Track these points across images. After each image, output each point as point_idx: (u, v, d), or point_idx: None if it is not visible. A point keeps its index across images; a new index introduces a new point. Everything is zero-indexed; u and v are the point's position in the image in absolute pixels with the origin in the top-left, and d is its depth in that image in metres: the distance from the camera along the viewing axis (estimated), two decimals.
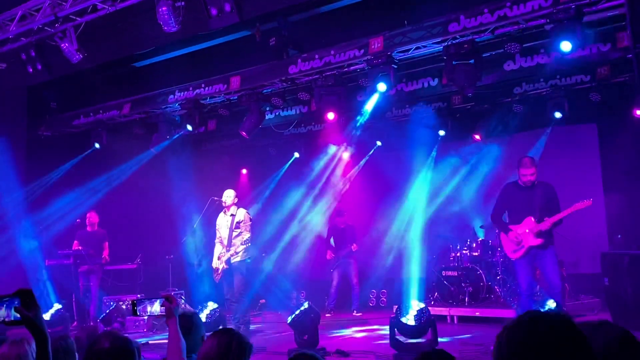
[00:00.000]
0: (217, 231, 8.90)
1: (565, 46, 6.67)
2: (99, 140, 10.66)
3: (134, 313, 3.34)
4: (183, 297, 10.42)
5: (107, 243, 10.47)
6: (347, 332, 9.04)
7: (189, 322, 3.82)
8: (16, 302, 2.29)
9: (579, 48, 7.08)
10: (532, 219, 6.84)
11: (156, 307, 3.28)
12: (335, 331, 9.01)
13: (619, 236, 9.80)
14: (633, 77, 8.39)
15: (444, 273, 9.97)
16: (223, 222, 8.86)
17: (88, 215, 10.54)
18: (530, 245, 6.85)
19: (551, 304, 6.55)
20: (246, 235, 8.74)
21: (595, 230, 10.08)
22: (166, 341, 8.08)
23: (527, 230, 6.88)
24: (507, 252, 7.34)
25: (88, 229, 10.54)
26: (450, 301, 9.70)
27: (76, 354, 4.09)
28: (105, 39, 8.62)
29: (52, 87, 10.56)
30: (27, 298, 2.30)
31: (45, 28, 8.40)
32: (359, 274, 11.08)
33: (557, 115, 9.40)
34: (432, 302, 9.65)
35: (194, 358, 3.43)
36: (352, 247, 10.92)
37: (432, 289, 10.03)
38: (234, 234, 8.74)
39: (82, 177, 10.98)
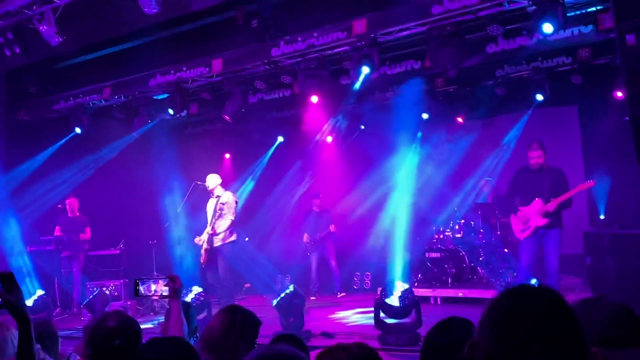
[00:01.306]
0: (207, 214, 8.94)
1: (547, 28, 6.70)
2: (80, 125, 10.52)
3: (136, 293, 3.32)
4: None
5: (89, 228, 10.43)
6: (331, 314, 9.09)
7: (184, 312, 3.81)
8: None
9: (561, 30, 7.16)
10: (540, 200, 7.11)
11: (160, 287, 3.28)
12: (320, 313, 9.06)
13: (602, 217, 9.94)
14: (614, 59, 8.45)
15: (427, 255, 10.03)
16: (210, 206, 8.88)
17: (68, 201, 10.47)
18: (536, 225, 7.20)
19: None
20: (230, 217, 8.73)
21: (576, 211, 10.15)
22: (151, 326, 8.07)
23: (534, 211, 7.12)
24: (515, 232, 7.67)
25: (69, 214, 10.49)
26: (434, 282, 9.78)
27: (59, 338, 4.07)
28: (84, 22, 8.46)
29: (31, 71, 10.40)
30: (7, 281, 2.27)
31: (23, 10, 8.22)
32: (336, 256, 11.11)
33: (539, 97, 9.47)
34: (416, 284, 9.73)
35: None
36: (330, 227, 10.93)
37: (415, 271, 10.09)
38: (217, 214, 8.74)
39: (63, 162, 10.86)
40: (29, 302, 8.16)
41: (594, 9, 7.49)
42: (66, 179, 10.96)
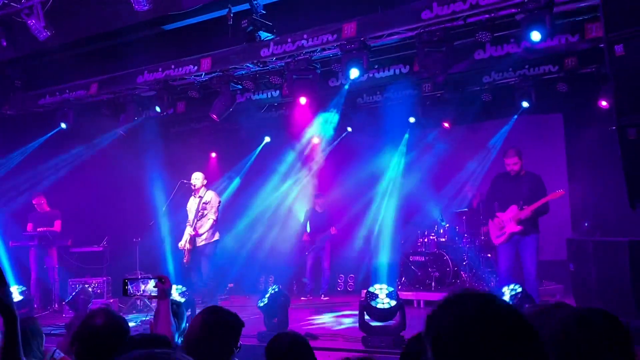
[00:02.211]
0: (188, 214, 8.91)
1: (535, 36, 6.77)
2: (66, 120, 10.41)
3: (125, 293, 3.29)
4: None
5: (58, 221, 10.35)
6: (316, 315, 9.09)
7: (173, 311, 3.82)
8: None
9: (548, 38, 7.25)
10: (516, 207, 7.22)
11: (149, 287, 3.26)
12: (304, 314, 9.06)
13: (586, 224, 10.06)
14: (600, 68, 8.57)
15: (411, 258, 10.08)
16: (192, 205, 8.86)
17: (34, 201, 10.38)
18: (511, 231, 7.30)
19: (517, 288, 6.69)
20: (212, 217, 8.73)
21: (559, 218, 10.29)
22: (133, 324, 8.00)
23: (510, 218, 7.22)
24: (492, 238, 7.77)
25: (38, 210, 10.41)
26: (417, 286, 9.82)
27: (43, 335, 4.05)
28: (73, 17, 8.40)
29: (17, 65, 10.29)
30: None
31: (11, 4, 8.15)
32: (330, 258, 11.16)
33: (525, 104, 9.56)
34: (400, 287, 9.77)
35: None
36: (331, 230, 10.97)
37: (399, 274, 10.14)
38: (200, 215, 8.74)
39: (47, 157, 10.78)
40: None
41: (581, 18, 7.60)
42: (49, 174, 10.88)
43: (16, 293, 8.56)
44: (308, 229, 11.30)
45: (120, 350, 2.59)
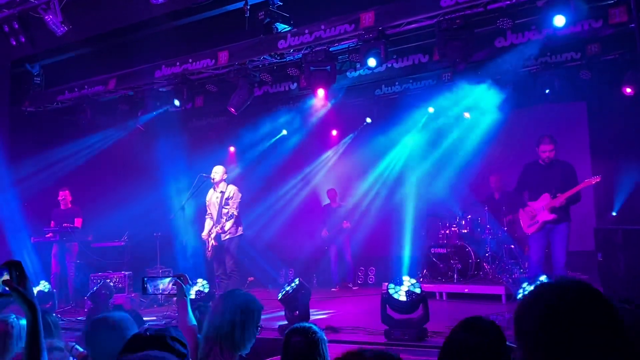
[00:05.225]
0: (207, 207, 8.91)
1: (559, 20, 6.63)
2: (84, 116, 10.46)
3: (144, 291, 3.30)
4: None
5: (79, 219, 10.41)
6: (337, 307, 9.01)
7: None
8: (5, 275, 2.23)
9: (571, 24, 7.09)
10: (548, 195, 7.13)
11: (168, 285, 3.26)
12: (325, 307, 9.00)
13: (614, 213, 9.88)
14: (623, 54, 8.39)
15: (433, 250, 9.96)
16: (213, 198, 8.87)
17: (61, 193, 10.44)
18: (544, 220, 7.25)
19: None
20: (234, 212, 8.73)
21: (584, 208, 10.09)
22: (154, 318, 8.01)
23: (542, 206, 7.13)
24: (523, 227, 7.69)
25: (62, 206, 10.47)
26: (439, 278, 9.71)
27: (61, 329, 4.06)
28: (91, 12, 8.41)
29: (36, 61, 10.36)
30: (16, 270, 2.23)
31: None
32: (351, 250, 11.17)
33: (547, 92, 9.39)
34: (421, 279, 9.67)
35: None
36: (343, 223, 10.97)
37: (421, 266, 10.04)
38: (223, 210, 8.74)
39: (67, 154, 10.85)
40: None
41: (604, 3, 7.42)
42: (70, 171, 10.94)
43: (40, 287, 8.63)
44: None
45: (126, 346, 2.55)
